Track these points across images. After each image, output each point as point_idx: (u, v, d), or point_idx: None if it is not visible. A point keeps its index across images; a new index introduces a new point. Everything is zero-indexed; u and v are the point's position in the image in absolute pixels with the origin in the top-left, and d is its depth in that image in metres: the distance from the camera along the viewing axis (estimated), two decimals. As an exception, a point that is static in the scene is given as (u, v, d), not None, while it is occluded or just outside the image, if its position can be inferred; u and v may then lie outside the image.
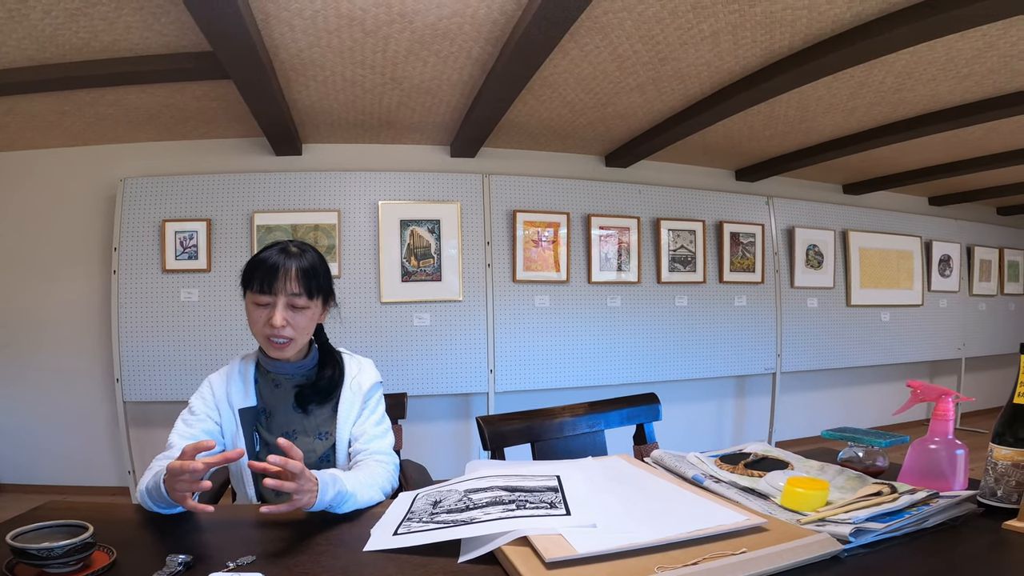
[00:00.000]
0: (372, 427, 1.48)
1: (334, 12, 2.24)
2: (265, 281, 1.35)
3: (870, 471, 1.29)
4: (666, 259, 4.19)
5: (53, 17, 2.18)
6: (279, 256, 1.37)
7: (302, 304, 1.37)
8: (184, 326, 3.45)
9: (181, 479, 1.03)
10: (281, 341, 1.37)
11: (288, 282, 1.35)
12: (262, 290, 1.35)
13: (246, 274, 1.39)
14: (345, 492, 1.15)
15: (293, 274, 1.36)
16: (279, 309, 1.35)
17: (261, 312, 1.37)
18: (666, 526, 0.92)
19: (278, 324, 1.34)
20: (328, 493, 1.11)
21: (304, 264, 1.38)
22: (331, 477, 1.15)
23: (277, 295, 1.35)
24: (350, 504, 1.17)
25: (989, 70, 2.75)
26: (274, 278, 1.35)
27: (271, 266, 1.35)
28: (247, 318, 1.41)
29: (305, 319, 1.40)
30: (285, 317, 1.35)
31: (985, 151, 4.11)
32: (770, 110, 3.34)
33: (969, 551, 0.95)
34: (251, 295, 1.37)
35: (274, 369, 1.46)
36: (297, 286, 1.36)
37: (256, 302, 1.37)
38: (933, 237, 5.25)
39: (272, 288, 1.35)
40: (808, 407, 4.96)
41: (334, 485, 1.13)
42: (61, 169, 3.67)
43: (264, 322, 1.36)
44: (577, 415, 1.66)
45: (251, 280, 1.37)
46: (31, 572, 0.88)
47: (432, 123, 3.58)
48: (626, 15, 2.29)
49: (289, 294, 1.36)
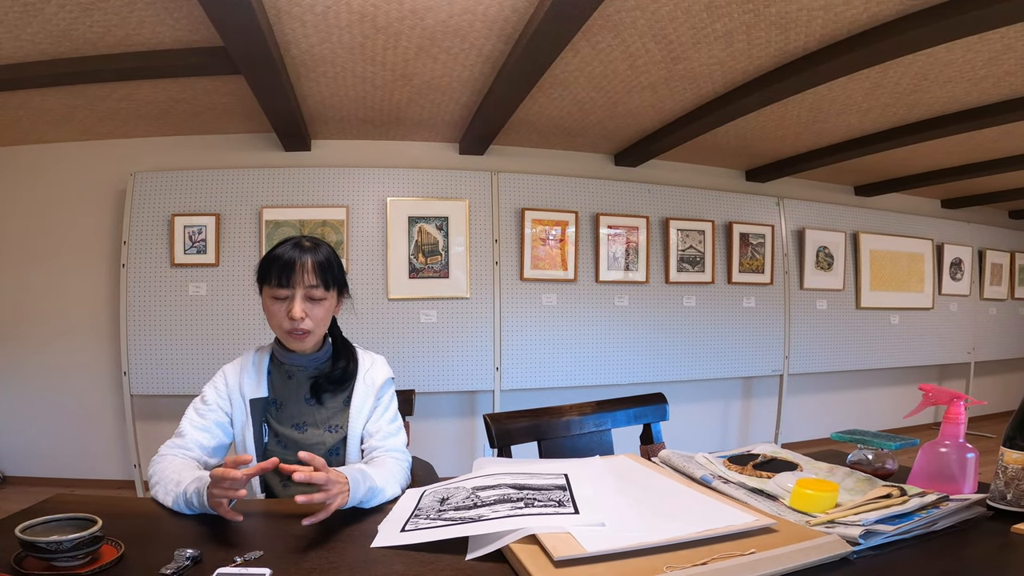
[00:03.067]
0: (387, 424, 1.49)
1: (345, 8, 2.24)
2: (283, 275, 1.38)
3: (879, 473, 1.29)
4: (675, 259, 4.18)
5: (67, 12, 2.20)
6: (294, 251, 1.40)
7: (319, 296, 1.41)
8: (192, 320, 3.46)
9: (221, 486, 1.05)
10: (300, 333, 1.40)
11: (305, 275, 1.39)
12: (280, 284, 1.38)
13: (262, 270, 1.42)
14: (375, 488, 1.18)
15: (309, 267, 1.39)
16: (297, 301, 1.38)
17: (280, 306, 1.40)
18: (675, 526, 0.92)
19: (297, 316, 1.37)
20: (360, 490, 1.13)
21: (319, 257, 1.42)
22: (360, 474, 1.16)
23: (295, 288, 1.38)
24: (378, 499, 1.19)
25: (1006, 72, 2.73)
26: (291, 272, 1.38)
27: (287, 261, 1.39)
28: (265, 313, 1.44)
29: (323, 311, 1.43)
30: (304, 309, 1.38)
31: (999, 154, 4.07)
32: (783, 111, 3.32)
33: (978, 554, 0.95)
34: (268, 290, 1.41)
35: (289, 360, 1.49)
36: (314, 278, 1.40)
37: (274, 296, 1.40)
38: (945, 240, 5.21)
39: (290, 281, 1.38)
40: (817, 409, 4.94)
41: (364, 482, 1.15)
42: (72, 163, 3.69)
43: (283, 315, 1.39)
44: (584, 414, 1.65)
45: (268, 275, 1.40)
46: (40, 565, 0.89)
47: (441, 120, 3.58)
48: (639, 14, 2.28)
49: (306, 286, 1.39)
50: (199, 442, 1.39)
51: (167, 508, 1.16)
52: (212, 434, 1.42)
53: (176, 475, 1.20)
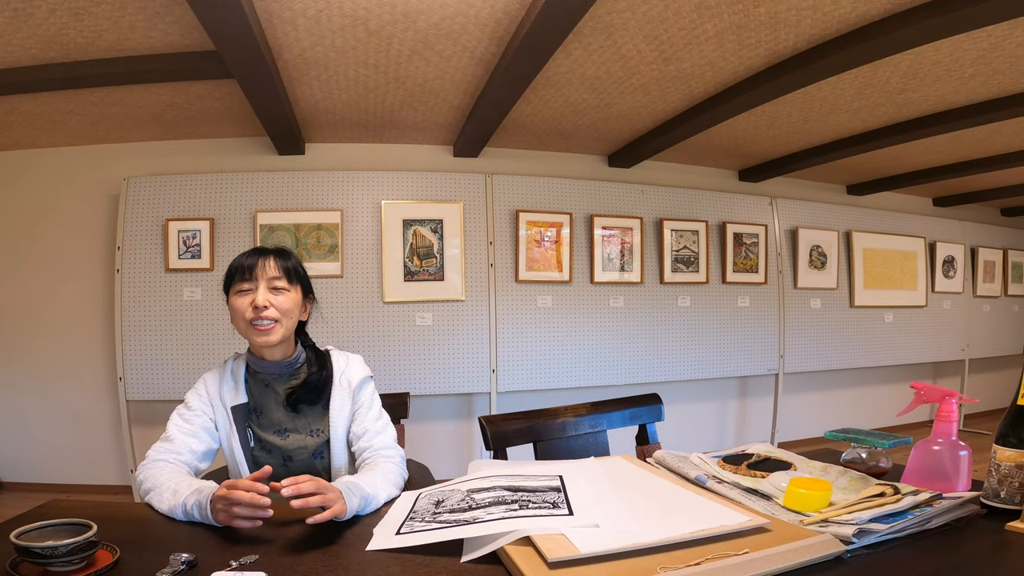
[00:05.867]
0: (373, 423, 1.50)
1: (337, 11, 2.24)
2: (246, 270, 1.42)
3: (873, 472, 1.29)
4: (669, 259, 4.19)
5: (58, 16, 2.19)
6: (255, 252, 1.46)
7: (282, 286, 1.44)
8: (187, 325, 3.46)
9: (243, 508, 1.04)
10: (266, 324, 1.40)
11: (267, 267, 1.43)
12: (243, 278, 1.42)
13: (227, 276, 1.46)
14: (368, 496, 1.17)
15: (272, 263, 1.44)
16: (261, 291, 1.41)
17: (244, 298, 1.41)
18: (669, 526, 0.92)
19: (260, 304, 1.39)
20: (353, 502, 1.12)
21: (281, 256, 1.47)
22: (350, 486, 1.15)
23: (258, 280, 1.42)
24: (373, 504, 1.19)
25: (994, 71, 2.74)
26: (253, 266, 1.43)
27: (249, 260, 1.44)
28: (231, 315, 1.45)
29: (288, 302, 1.44)
30: (267, 298, 1.41)
31: (990, 152, 4.10)
32: (774, 110, 3.33)
33: (972, 552, 0.95)
34: (233, 287, 1.44)
35: (262, 369, 1.49)
36: (276, 270, 1.44)
37: (238, 290, 1.43)
38: (937, 238, 5.24)
39: (252, 274, 1.42)
40: (811, 408, 4.95)
41: (356, 492, 1.15)
42: (65, 168, 3.68)
43: (247, 307, 1.40)
44: (579, 415, 1.66)
45: (232, 276, 1.44)
46: (35, 571, 0.89)
47: (435, 123, 3.58)
48: (630, 15, 2.29)
49: (269, 277, 1.43)
50: (189, 446, 1.39)
51: (162, 513, 1.16)
52: (200, 439, 1.42)
53: (172, 483, 1.19)
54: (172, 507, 1.14)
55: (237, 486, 1.04)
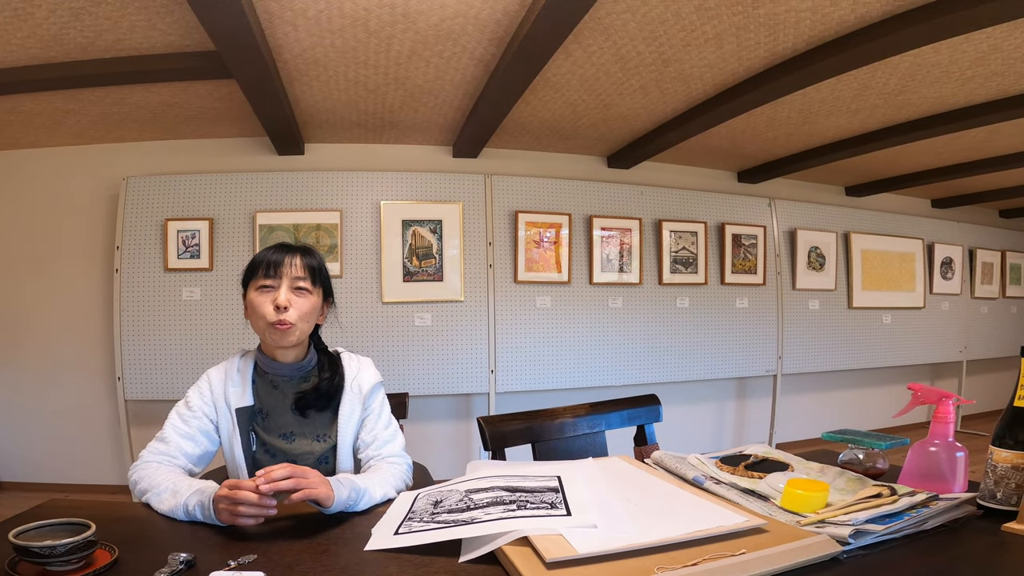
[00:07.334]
0: (383, 431, 1.48)
1: (337, 12, 2.24)
2: (271, 266, 1.39)
3: (870, 473, 1.30)
4: (668, 260, 4.19)
5: (58, 16, 2.19)
6: (282, 248, 1.43)
7: (306, 287, 1.41)
8: (186, 325, 3.45)
9: (247, 507, 1.04)
10: (285, 325, 1.37)
11: (293, 266, 1.40)
12: (267, 275, 1.39)
13: (249, 269, 1.43)
14: (359, 488, 1.17)
15: (298, 262, 1.41)
16: (283, 289, 1.38)
17: (265, 296, 1.38)
18: (666, 527, 0.92)
19: (282, 303, 1.36)
20: (343, 491, 1.13)
21: (308, 255, 1.44)
22: (341, 477, 1.17)
23: (282, 278, 1.39)
24: (366, 499, 1.19)
25: (993, 72, 2.75)
26: (280, 263, 1.39)
27: (276, 256, 1.41)
28: (248, 311, 1.42)
29: (308, 305, 1.41)
30: (289, 298, 1.38)
31: (988, 153, 4.11)
32: (773, 112, 3.34)
33: (968, 553, 0.95)
34: (255, 282, 1.40)
35: (272, 371, 1.46)
36: (301, 270, 1.41)
37: (260, 286, 1.39)
38: (935, 239, 5.24)
39: (278, 272, 1.39)
40: (809, 409, 4.96)
41: (346, 483, 1.15)
42: (64, 168, 3.68)
43: (268, 305, 1.37)
44: (578, 416, 1.66)
45: (255, 270, 1.41)
46: (33, 570, 0.89)
47: (434, 123, 3.59)
48: (630, 16, 2.29)
49: (293, 277, 1.40)
50: (184, 450, 1.37)
51: (162, 514, 1.16)
52: (196, 442, 1.39)
53: (171, 484, 1.18)
54: (173, 507, 1.13)
55: (240, 486, 1.05)
